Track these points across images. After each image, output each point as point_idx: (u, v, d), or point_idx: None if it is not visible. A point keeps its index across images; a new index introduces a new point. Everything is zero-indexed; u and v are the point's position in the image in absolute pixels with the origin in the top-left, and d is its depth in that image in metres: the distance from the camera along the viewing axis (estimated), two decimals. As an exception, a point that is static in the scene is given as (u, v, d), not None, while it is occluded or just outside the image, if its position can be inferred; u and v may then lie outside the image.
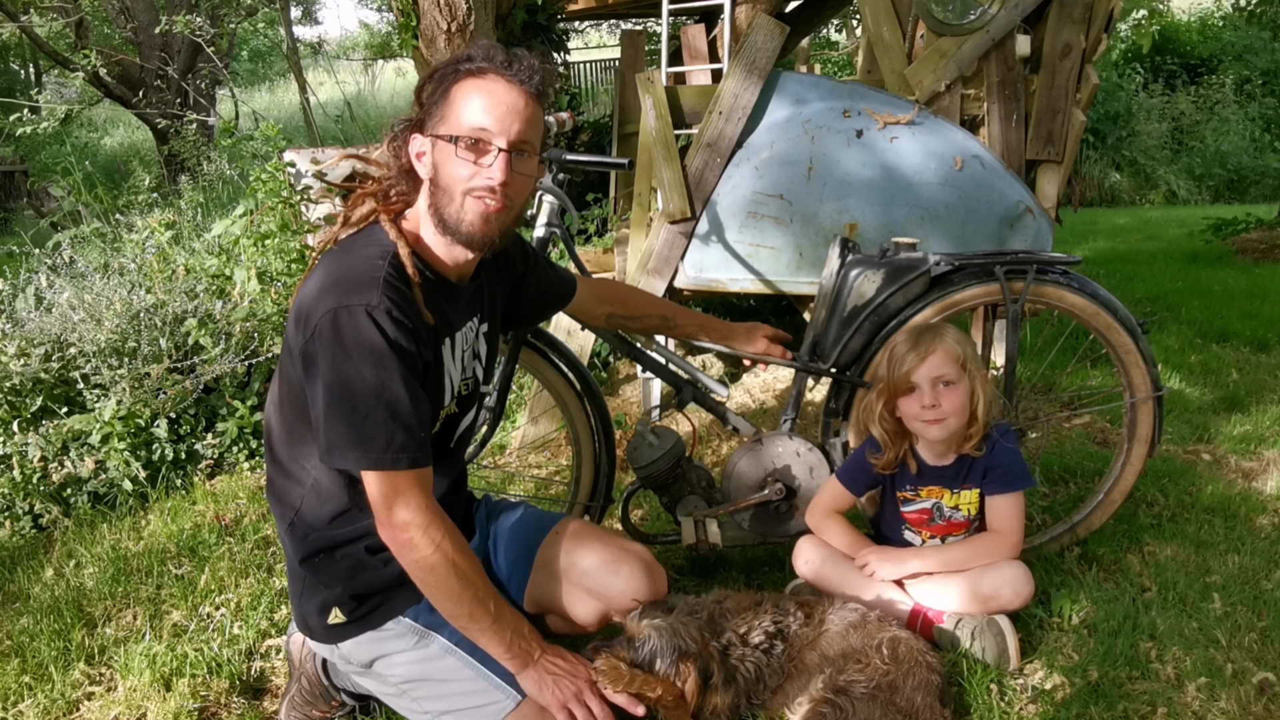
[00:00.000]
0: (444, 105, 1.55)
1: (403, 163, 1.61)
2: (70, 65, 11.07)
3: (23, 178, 12.30)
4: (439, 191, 1.56)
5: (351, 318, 1.44)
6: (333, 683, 1.84)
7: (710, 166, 3.23)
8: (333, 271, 1.52)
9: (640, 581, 1.78)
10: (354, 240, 1.60)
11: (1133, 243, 8.07)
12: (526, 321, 2.13)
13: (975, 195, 3.11)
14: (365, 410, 1.46)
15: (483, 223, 1.56)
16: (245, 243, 3.76)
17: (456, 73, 1.55)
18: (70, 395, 3.19)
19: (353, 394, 1.45)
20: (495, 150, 1.52)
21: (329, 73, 11.10)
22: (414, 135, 1.59)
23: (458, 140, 1.51)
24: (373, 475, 1.50)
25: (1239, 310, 4.98)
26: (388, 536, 1.53)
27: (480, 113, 1.52)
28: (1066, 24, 3.21)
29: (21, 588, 2.49)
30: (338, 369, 1.45)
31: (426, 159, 1.58)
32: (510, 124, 1.52)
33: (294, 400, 1.58)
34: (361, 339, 1.44)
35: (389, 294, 1.47)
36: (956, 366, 1.96)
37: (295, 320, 1.52)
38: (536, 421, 3.37)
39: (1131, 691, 1.82)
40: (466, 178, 1.53)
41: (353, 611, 1.63)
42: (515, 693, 1.59)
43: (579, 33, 15.09)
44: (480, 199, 1.54)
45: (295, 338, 1.51)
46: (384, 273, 1.49)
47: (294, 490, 1.64)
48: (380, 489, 1.50)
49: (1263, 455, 3.04)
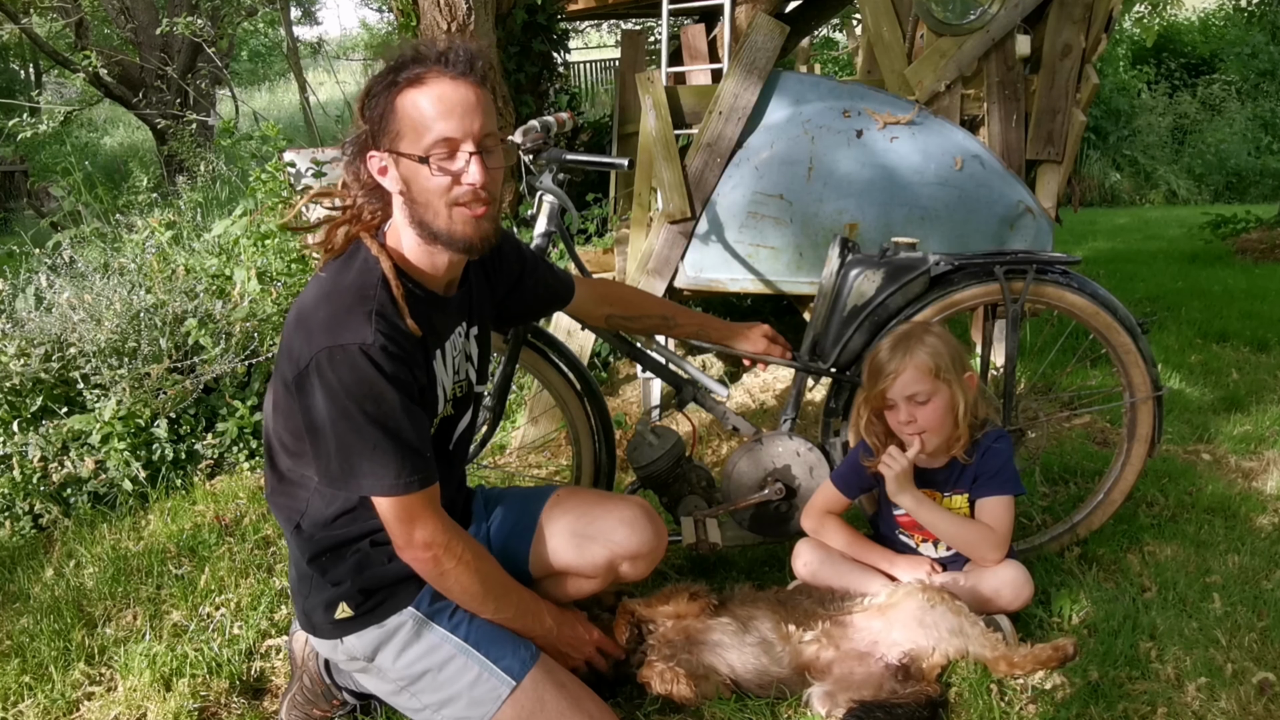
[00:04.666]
0: (394, 119, 1.50)
1: (366, 181, 1.59)
2: (70, 65, 11.08)
3: (23, 178, 12.31)
4: (417, 206, 1.54)
5: (347, 357, 1.46)
6: (335, 681, 1.85)
7: (710, 166, 3.23)
8: (323, 304, 1.52)
9: (642, 526, 1.85)
10: (342, 261, 1.58)
11: (1133, 243, 8.07)
12: (524, 320, 2.14)
13: (975, 195, 3.11)
14: (372, 443, 1.49)
15: (475, 227, 1.55)
16: (245, 243, 3.76)
17: (395, 84, 1.50)
18: (70, 395, 3.19)
19: (358, 430, 1.48)
20: (465, 154, 1.50)
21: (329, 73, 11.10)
22: (370, 154, 1.56)
23: (428, 159, 1.49)
24: (386, 502, 1.54)
25: (1239, 310, 4.98)
26: (410, 558, 1.59)
27: (437, 120, 1.48)
28: (1066, 24, 3.21)
29: (21, 588, 2.49)
30: (338, 406, 1.47)
31: (391, 175, 1.55)
32: (470, 123, 1.49)
33: (291, 408, 1.58)
34: (360, 378, 1.46)
35: (381, 328, 1.48)
36: (929, 380, 1.94)
37: (288, 349, 1.53)
38: (536, 421, 3.37)
39: (1131, 691, 1.82)
40: (445, 189, 1.51)
41: (359, 605, 1.64)
42: (511, 679, 1.62)
43: (579, 33, 15.08)
44: (465, 206, 1.53)
45: (288, 364, 1.52)
46: (374, 306, 1.49)
47: (299, 493, 1.65)
48: (395, 514, 1.54)
49: (1263, 455, 3.04)
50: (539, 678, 1.64)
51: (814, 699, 1.80)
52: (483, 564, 1.63)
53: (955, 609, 1.87)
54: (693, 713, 1.83)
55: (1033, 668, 1.82)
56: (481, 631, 1.65)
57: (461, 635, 1.64)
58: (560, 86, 6.08)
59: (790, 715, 1.82)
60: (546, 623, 1.74)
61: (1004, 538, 2.02)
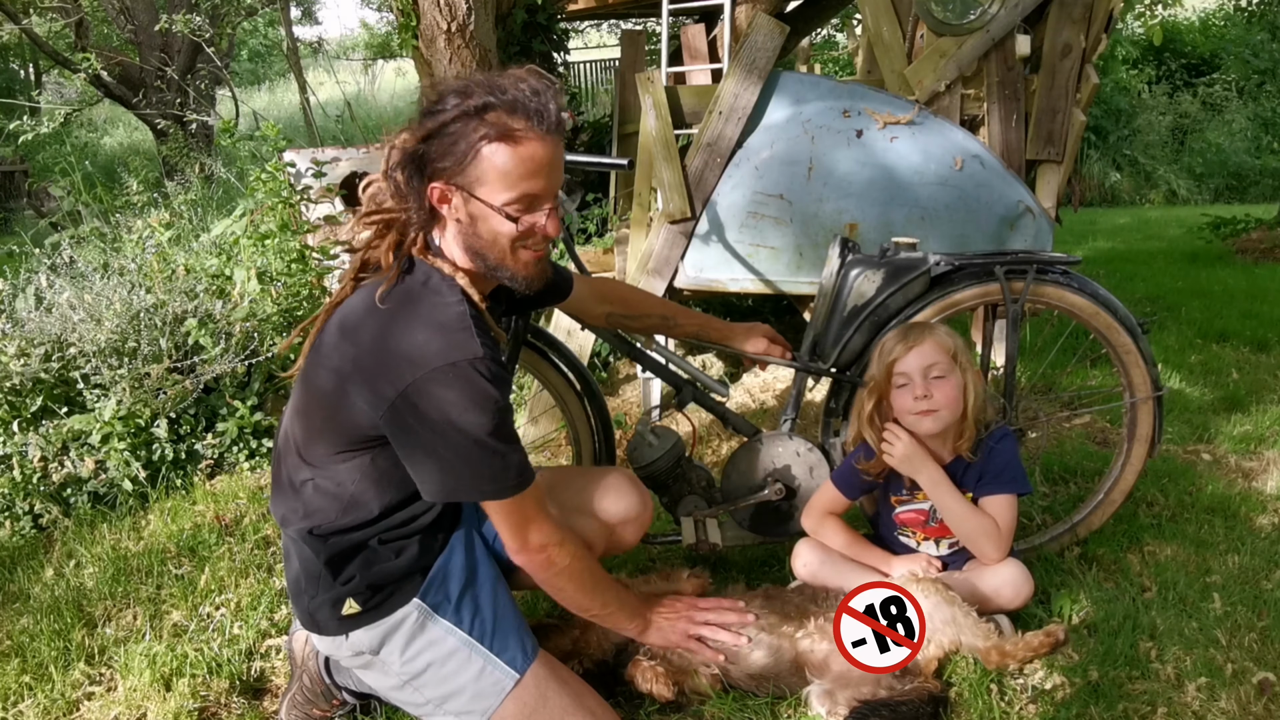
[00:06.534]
0: (478, 165, 1.50)
1: (420, 203, 1.57)
2: (70, 65, 11.07)
3: (23, 178, 12.31)
4: (481, 242, 1.56)
5: (463, 373, 1.48)
6: (335, 681, 1.85)
7: (710, 166, 3.23)
8: (419, 323, 1.52)
9: (627, 491, 1.93)
10: (413, 284, 1.57)
11: (1133, 243, 8.08)
12: (522, 312, 2.14)
13: (975, 195, 3.11)
14: (492, 452, 1.51)
15: (537, 268, 1.61)
16: (245, 243, 3.76)
17: (482, 126, 1.48)
18: (70, 395, 3.19)
19: (479, 442, 1.50)
20: (545, 210, 1.55)
21: (329, 73, 11.08)
22: (435, 184, 1.54)
23: (508, 212, 1.52)
24: (502, 507, 1.56)
25: (1239, 310, 4.98)
26: (525, 561, 1.63)
27: (525, 180, 1.50)
28: (1066, 24, 3.21)
29: (21, 588, 2.49)
30: (458, 421, 1.48)
31: (456, 207, 1.55)
32: (554, 181, 1.55)
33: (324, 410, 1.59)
34: (478, 392, 1.48)
35: (483, 340, 1.51)
36: (947, 358, 1.96)
37: (381, 368, 1.51)
38: (536, 421, 3.37)
39: (1131, 691, 1.82)
40: (518, 235, 1.55)
41: (367, 601, 1.65)
42: (515, 672, 1.63)
43: (579, 33, 15.08)
44: (533, 249, 1.58)
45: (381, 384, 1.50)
46: (470, 320, 1.52)
47: (317, 498, 1.65)
48: (511, 519, 1.58)
49: (1263, 455, 3.04)
50: (542, 672, 1.65)
51: (813, 698, 1.80)
52: (588, 561, 1.69)
53: (949, 599, 1.87)
54: (692, 712, 1.83)
55: (1025, 656, 1.83)
56: (485, 625, 1.66)
57: (465, 629, 1.64)
58: (560, 87, 6.07)
59: (790, 715, 1.82)
60: (645, 613, 1.81)
61: (1008, 536, 2.02)
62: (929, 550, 2.11)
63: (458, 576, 1.68)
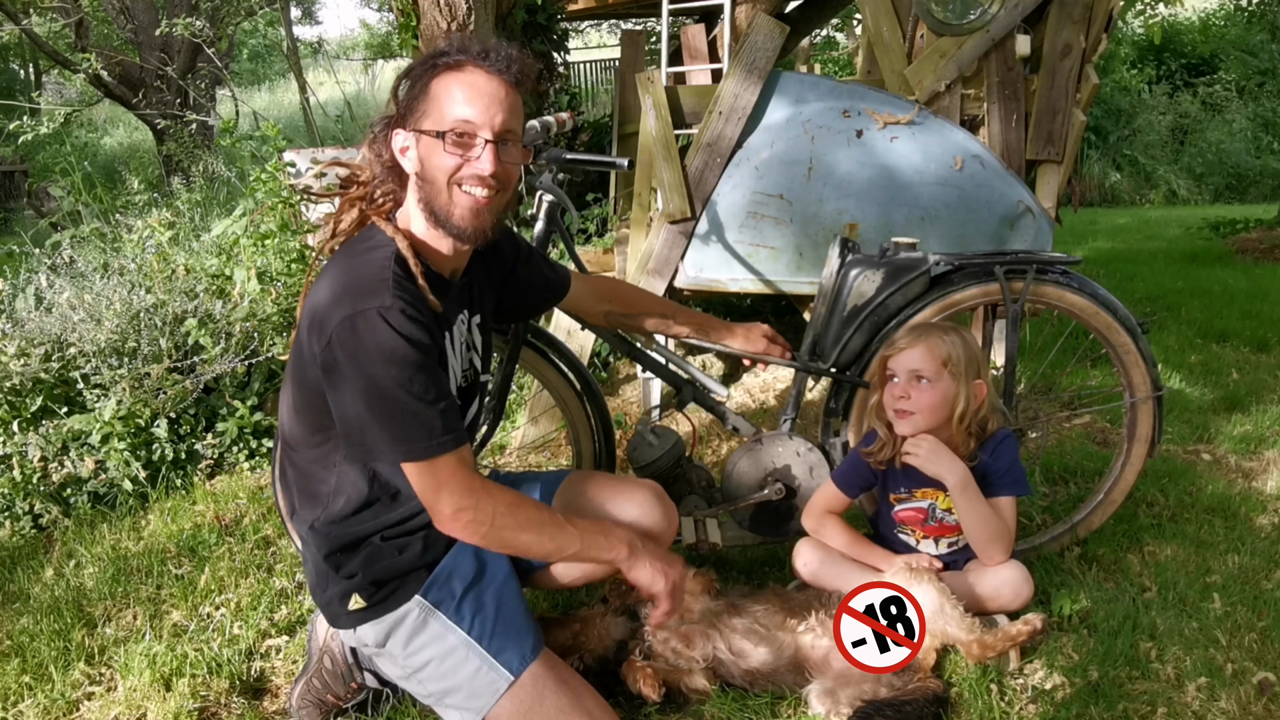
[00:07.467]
0: (424, 100, 1.56)
1: (385, 160, 1.63)
2: (70, 65, 11.07)
3: (23, 178, 12.31)
4: (427, 185, 1.58)
5: (368, 322, 1.47)
6: (357, 663, 1.87)
7: (710, 166, 3.23)
8: (341, 277, 1.54)
9: (654, 508, 1.88)
10: (355, 244, 1.62)
11: (1133, 243, 8.08)
12: (521, 314, 2.14)
13: (975, 195, 3.11)
14: (399, 408, 1.49)
15: (473, 215, 1.58)
16: (245, 243, 3.76)
17: (434, 67, 1.56)
18: (70, 395, 3.19)
19: (384, 396, 1.48)
20: (481, 141, 1.55)
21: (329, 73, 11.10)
22: (395, 131, 1.60)
23: (444, 135, 1.53)
24: (415, 468, 1.53)
25: (1239, 310, 4.98)
26: (445, 528, 1.59)
27: (462, 105, 1.53)
28: (1066, 24, 3.21)
29: (21, 588, 2.49)
30: (364, 373, 1.48)
31: (411, 154, 1.59)
32: (493, 114, 1.54)
33: (312, 404, 1.60)
34: (381, 342, 1.47)
35: (399, 293, 1.50)
36: (936, 365, 1.95)
37: (310, 328, 1.54)
38: (536, 421, 3.37)
39: (1131, 691, 1.82)
40: (453, 169, 1.55)
41: (371, 596, 1.66)
42: (509, 674, 1.62)
43: (579, 33, 15.09)
44: (469, 192, 1.56)
45: (311, 345, 1.54)
46: (391, 273, 1.52)
47: (318, 492, 1.67)
48: (425, 483, 1.54)
49: (1263, 455, 3.04)
50: (539, 673, 1.65)
51: (813, 697, 1.80)
52: (521, 511, 1.60)
53: (939, 589, 1.88)
54: (692, 712, 1.83)
55: (1005, 646, 1.84)
56: (486, 625, 1.66)
57: (465, 627, 1.65)
58: (560, 86, 6.08)
59: (790, 714, 1.82)
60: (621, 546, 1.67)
61: (1012, 538, 2.03)
62: (928, 549, 2.11)
63: (463, 574, 1.68)
